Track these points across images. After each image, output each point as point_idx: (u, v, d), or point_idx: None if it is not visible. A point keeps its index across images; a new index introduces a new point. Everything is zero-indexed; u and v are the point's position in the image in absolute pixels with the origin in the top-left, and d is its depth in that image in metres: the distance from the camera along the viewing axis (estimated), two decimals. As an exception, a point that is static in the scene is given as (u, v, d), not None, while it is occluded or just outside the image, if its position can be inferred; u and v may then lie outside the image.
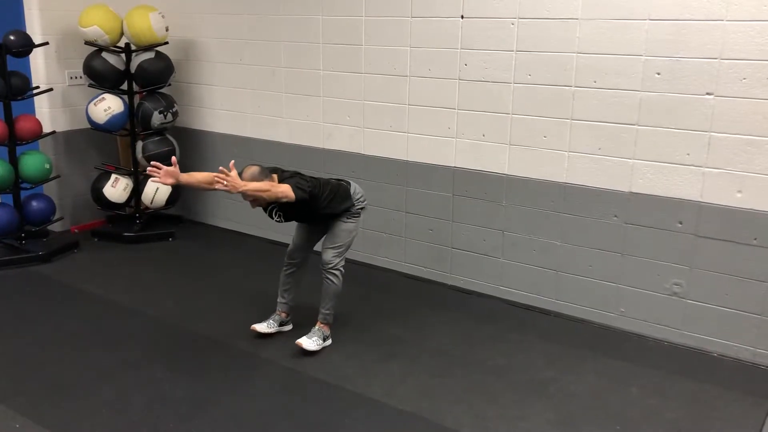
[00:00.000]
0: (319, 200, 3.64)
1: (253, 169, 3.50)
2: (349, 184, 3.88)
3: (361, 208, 3.87)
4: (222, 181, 3.30)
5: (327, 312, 3.86)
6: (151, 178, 3.49)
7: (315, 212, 3.70)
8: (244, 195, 3.42)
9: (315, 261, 3.90)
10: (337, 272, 3.79)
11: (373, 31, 4.76)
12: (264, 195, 3.42)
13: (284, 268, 4.00)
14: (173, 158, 3.51)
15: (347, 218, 3.80)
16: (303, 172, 3.77)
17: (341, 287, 3.83)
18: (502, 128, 4.33)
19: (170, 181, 3.39)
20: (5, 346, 3.89)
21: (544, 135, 4.18)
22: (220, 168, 3.33)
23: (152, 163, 3.44)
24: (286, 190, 3.44)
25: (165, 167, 3.39)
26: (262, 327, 3.98)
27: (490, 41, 4.26)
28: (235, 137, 5.72)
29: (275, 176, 3.56)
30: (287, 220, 3.76)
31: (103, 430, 3.11)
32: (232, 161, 3.43)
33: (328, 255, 3.77)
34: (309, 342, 3.79)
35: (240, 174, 3.45)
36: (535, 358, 3.81)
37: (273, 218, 3.72)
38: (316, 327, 3.87)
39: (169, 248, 5.60)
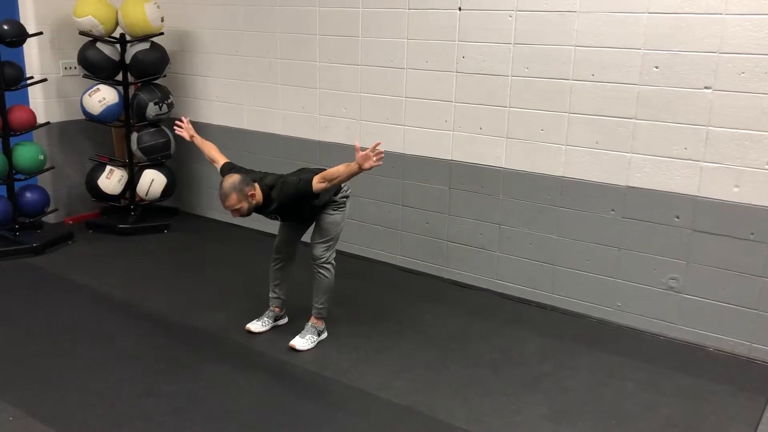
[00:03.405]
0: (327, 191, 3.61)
1: (234, 179, 3.44)
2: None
3: (346, 197, 3.77)
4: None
5: (320, 306, 3.82)
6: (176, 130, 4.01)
7: (312, 205, 3.63)
8: (232, 210, 3.46)
9: (306, 255, 3.88)
10: (328, 266, 3.74)
11: (370, 23, 4.73)
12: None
13: (272, 263, 3.94)
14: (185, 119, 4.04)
15: (333, 209, 3.70)
16: (267, 171, 3.75)
17: (334, 281, 3.79)
18: (500, 121, 4.31)
19: (187, 136, 3.95)
20: (-2, 338, 3.87)
21: (542, 128, 4.16)
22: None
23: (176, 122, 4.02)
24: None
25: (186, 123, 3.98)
26: (256, 327, 3.95)
27: (488, 34, 4.23)
28: (230, 129, 5.69)
29: (256, 185, 3.51)
30: (284, 220, 3.75)
31: (96, 422, 3.10)
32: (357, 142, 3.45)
33: (318, 250, 3.71)
34: (302, 342, 3.77)
35: (221, 183, 3.45)
36: (530, 352, 3.80)
37: (269, 218, 3.71)
38: (310, 323, 3.85)
39: (163, 240, 5.58)
